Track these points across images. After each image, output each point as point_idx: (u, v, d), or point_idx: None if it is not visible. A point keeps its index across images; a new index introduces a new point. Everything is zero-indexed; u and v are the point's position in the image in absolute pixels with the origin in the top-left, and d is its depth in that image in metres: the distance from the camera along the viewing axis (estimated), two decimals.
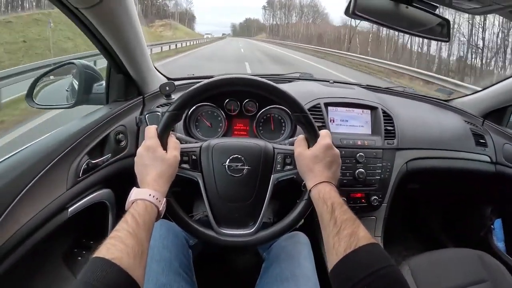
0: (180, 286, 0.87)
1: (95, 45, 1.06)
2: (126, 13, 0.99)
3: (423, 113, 1.52)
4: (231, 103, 1.19)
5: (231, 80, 0.82)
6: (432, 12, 0.87)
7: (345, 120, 1.28)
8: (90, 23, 0.94)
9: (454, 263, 1.17)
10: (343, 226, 0.64)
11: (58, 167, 0.88)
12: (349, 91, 1.41)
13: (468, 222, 1.84)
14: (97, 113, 1.11)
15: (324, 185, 0.74)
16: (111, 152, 1.09)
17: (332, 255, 0.62)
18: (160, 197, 0.70)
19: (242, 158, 0.84)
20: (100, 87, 1.24)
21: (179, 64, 12.52)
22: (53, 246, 0.99)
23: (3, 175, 0.76)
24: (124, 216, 0.63)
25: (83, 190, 0.97)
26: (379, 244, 0.61)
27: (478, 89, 1.70)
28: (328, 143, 0.79)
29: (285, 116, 1.21)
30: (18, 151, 0.88)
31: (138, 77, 1.21)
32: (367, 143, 1.23)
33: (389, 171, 1.26)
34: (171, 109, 0.79)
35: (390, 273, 0.56)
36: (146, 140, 0.76)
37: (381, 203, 1.26)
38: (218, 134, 1.20)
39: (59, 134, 0.96)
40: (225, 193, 0.85)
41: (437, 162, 1.39)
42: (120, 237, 0.58)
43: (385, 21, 0.85)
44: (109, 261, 0.53)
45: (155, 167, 0.73)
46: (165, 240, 0.97)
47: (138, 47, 1.12)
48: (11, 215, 0.73)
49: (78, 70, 1.21)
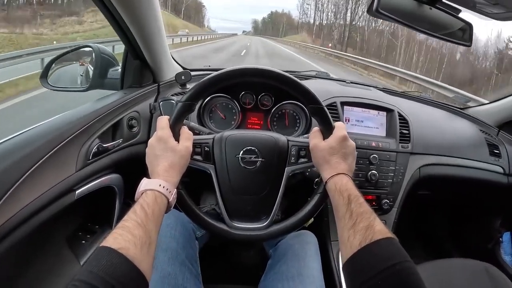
0: (185, 277, 0.86)
1: (114, 30, 1.06)
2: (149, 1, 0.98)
3: (439, 120, 1.50)
4: (246, 96, 1.17)
5: (244, 70, 0.81)
6: (455, 15, 0.86)
7: (360, 120, 1.26)
8: (113, 7, 0.94)
9: (460, 273, 1.14)
10: (359, 219, 0.63)
11: (68, 148, 0.88)
12: (366, 91, 1.39)
13: (476, 233, 1.81)
14: (111, 98, 1.10)
15: (340, 176, 0.73)
16: (123, 137, 1.08)
17: (346, 248, 0.61)
18: (170, 188, 0.68)
19: (256, 150, 0.83)
20: (115, 72, 1.24)
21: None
22: (58, 228, 0.99)
23: (10, 154, 0.76)
24: (133, 206, 0.62)
25: (92, 173, 0.96)
26: (396, 239, 0.59)
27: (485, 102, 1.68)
28: (344, 134, 0.77)
29: (300, 112, 1.20)
30: (28, 129, 0.87)
31: (155, 64, 1.21)
32: (381, 145, 1.21)
33: (401, 175, 1.24)
34: (184, 99, 0.78)
35: (405, 269, 0.54)
36: (158, 130, 0.75)
37: (391, 207, 1.24)
38: (232, 126, 1.19)
39: (71, 116, 0.95)
40: (237, 185, 0.83)
41: (449, 170, 1.36)
42: (128, 227, 0.57)
43: (407, 21, 0.84)
44: (115, 251, 0.52)
45: (166, 157, 0.72)
46: (173, 230, 0.96)
47: (158, 35, 1.12)
48: (15, 194, 0.72)
49: (94, 53, 1.21)
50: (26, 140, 0.81)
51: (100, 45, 1.24)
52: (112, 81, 1.23)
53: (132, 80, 1.20)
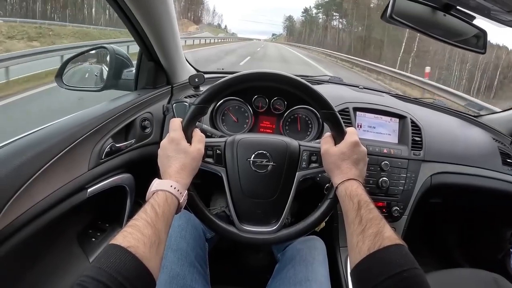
0: (194, 278, 0.87)
1: (130, 31, 1.07)
2: (164, 3, 1.00)
3: (451, 127, 1.49)
4: (259, 100, 1.18)
5: (258, 74, 0.81)
6: (469, 22, 0.85)
7: (372, 126, 1.26)
8: (128, 9, 0.95)
9: (468, 283, 1.13)
10: (369, 224, 0.63)
11: (82, 147, 0.89)
12: (379, 98, 1.38)
13: (486, 243, 1.79)
14: (125, 98, 1.12)
15: (351, 182, 0.73)
16: (136, 137, 1.09)
17: (355, 254, 0.61)
18: (181, 189, 0.69)
19: (267, 154, 0.83)
20: (129, 73, 1.25)
21: None
22: (69, 224, 1.00)
23: (24, 151, 0.77)
24: (144, 206, 0.63)
25: (104, 172, 0.97)
26: (405, 246, 0.59)
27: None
28: (356, 140, 0.77)
29: (312, 117, 1.20)
30: (42, 127, 0.88)
31: (169, 66, 1.22)
32: (393, 151, 1.21)
33: (413, 182, 1.23)
34: (197, 102, 0.79)
35: (413, 276, 0.54)
36: (170, 132, 0.76)
37: (401, 215, 1.23)
38: (244, 129, 1.19)
39: (85, 115, 0.96)
40: (248, 188, 0.84)
41: (461, 178, 1.35)
42: (137, 226, 0.57)
43: (421, 28, 0.84)
44: (124, 249, 0.53)
45: (178, 159, 0.73)
46: (183, 230, 0.96)
47: (172, 37, 1.13)
48: (28, 190, 0.73)
49: (109, 54, 1.23)
50: (40, 138, 0.83)
51: (115, 46, 1.25)
52: (126, 82, 1.25)
53: (146, 82, 1.22)
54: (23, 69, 6.36)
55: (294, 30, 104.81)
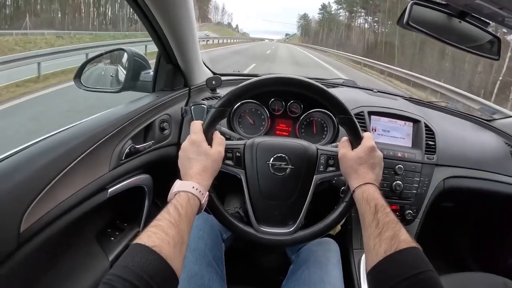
0: (211, 278, 0.88)
1: (150, 34, 1.09)
2: (185, 7, 1.01)
3: (465, 131, 1.49)
4: (275, 102, 1.19)
5: (279, 79, 0.83)
6: (484, 28, 0.85)
7: (387, 130, 1.26)
8: (149, 11, 0.97)
9: (478, 287, 1.13)
10: (385, 228, 0.64)
11: (103, 149, 0.91)
12: (393, 101, 1.39)
13: (498, 247, 1.77)
14: (144, 100, 1.14)
15: (368, 186, 0.74)
16: (154, 139, 1.11)
17: (372, 256, 0.62)
18: (203, 191, 0.70)
19: (286, 157, 0.85)
20: (147, 75, 1.27)
21: None
22: (89, 224, 1.02)
23: (46, 153, 0.79)
24: (166, 207, 0.64)
25: (124, 173, 0.99)
26: (420, 249, 0.60)
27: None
28: (372, 145, 0.79)
29: (328, 121, 1.21)
30: (63, 129, 0.90)
31: (187, 69, 1.24)
32: (407, 155, 1.21)
33: (426, 186, 1.23)
34: (218, 105, 0.80)
35: (428, 279, 0.55)
36: (192, 134, 0.77)
37: (414, 218, 1.24)
38: (260, 132, 1.21)
39: (105, 117, 0.99)
40: (267, 191, 0.85)
41: (474, 183, 1.35)
42: (161, 226, 0.59)
43: (436, 34, 0.84)
44: (149, 248, 0.54)
45: (199, 161, 0.74)
46: (201, 231, 0.98)
47: (191, 40, 1.15)
48: (52, 190, 0.75)
49: (128, 56, 1.25)
50: (63, 139, 0.85)
51: (133, 48, 1.27)
52: (144, 84, 1.27)
53: (164, 84, 1.24)
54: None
55: (310, 29, 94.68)
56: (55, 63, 7.70)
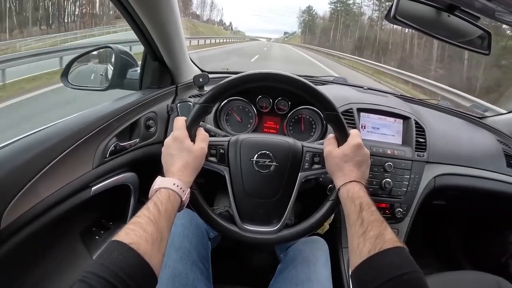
0: (196, 277, 0.87)
1: (134, 31, 1.08)
2: (168, 3, 1.00)
3: (456, 128, 1.48)
4: (263, 100, 1.18)
5: (262, 75, 0.81)
6: (474, 23, 0.85)
7: (376, 127, 1.25)
8: (132, 9, 0.95)
9: (471, 286, 1.12)
10: (370, 227, 0.63)
11: (86, 146, 0.90)
12: (383, 99, 1.38)
13: (489, 246, 1.77)
14: (130, 98, 1.12)
15: (353, 184, 0.73)
16: (140, 137, 1.10)
17: (356, 256, 0.61)
18: (184, 187, 0.70)
19: (270, 154, 0.83)
20: (134, 73, 1.26)
21: None
22: (73, 222, 1.01)
23: (29, 149, 0.78)
24: (146, 204, 0.63)
25: (109, 171, 0.98)
26: (406, 249, 0.59)
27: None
28: (359, 142, 0.77)
29: (316, 118, 1.20)
30: (46, 127, 0.89)
31: (173, 66, 1.23)
32: (396, 153, 1.20)
33: (416, 184, 1.23)
34: (201, 101, 0.79)
35: (413, 279, 0.54)
36: (174, 131, 0.77)
37: (405, 216, 1.23)
38: (248, 129, 1.20)
39: (90, 114, 0.97)
40: (251, 188, 0.84)
41: (465, 180, 1.34)
42: (140, 223, 0.58)
43: (425, 28, 0.83)
44: (126, 245, 0.53)
45: (181, 157, 0.73)
46: (187, 229, 0.97)
47: (177, 37, 1.14)
48: (33, 187, 0.74)
49: (114, 54, 1.23)
50: (45, 136, 0.84)
51: (120, 46, 1.26)
52: (131, 82, 1.26)
53: (150, 81, 1.22)
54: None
55: (315, 26, 74.34)
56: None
